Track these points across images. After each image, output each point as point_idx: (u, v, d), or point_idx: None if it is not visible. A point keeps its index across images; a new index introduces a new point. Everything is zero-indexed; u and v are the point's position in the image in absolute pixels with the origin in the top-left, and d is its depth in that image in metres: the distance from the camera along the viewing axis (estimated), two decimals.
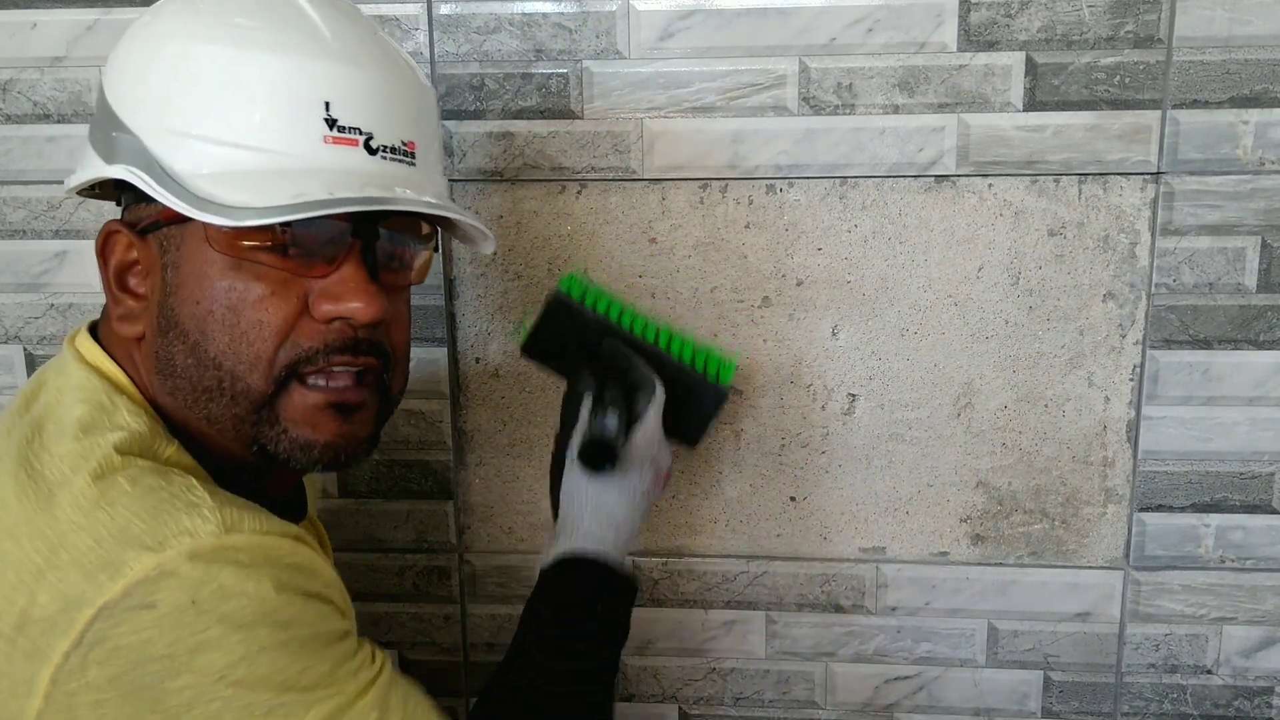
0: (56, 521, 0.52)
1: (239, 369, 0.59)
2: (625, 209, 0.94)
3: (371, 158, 0.60)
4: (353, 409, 0.62)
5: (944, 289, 0.93)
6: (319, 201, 0.56)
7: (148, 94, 0.59)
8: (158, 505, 0.53)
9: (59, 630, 0.50)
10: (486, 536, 1.02)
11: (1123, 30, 0.88)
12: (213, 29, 0.58)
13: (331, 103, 0.58)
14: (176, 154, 0.57)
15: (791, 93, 0.91)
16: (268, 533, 0.56)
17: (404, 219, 0.63)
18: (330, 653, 0.56)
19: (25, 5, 0.94)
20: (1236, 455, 0.94)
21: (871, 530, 0.98)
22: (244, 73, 0.57)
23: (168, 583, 0.51)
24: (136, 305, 0.62)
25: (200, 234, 0.58)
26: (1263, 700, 0.98)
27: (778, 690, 1.03)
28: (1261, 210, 0.89)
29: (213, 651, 0.51)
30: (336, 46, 0.60)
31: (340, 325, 0.60)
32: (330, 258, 0.60)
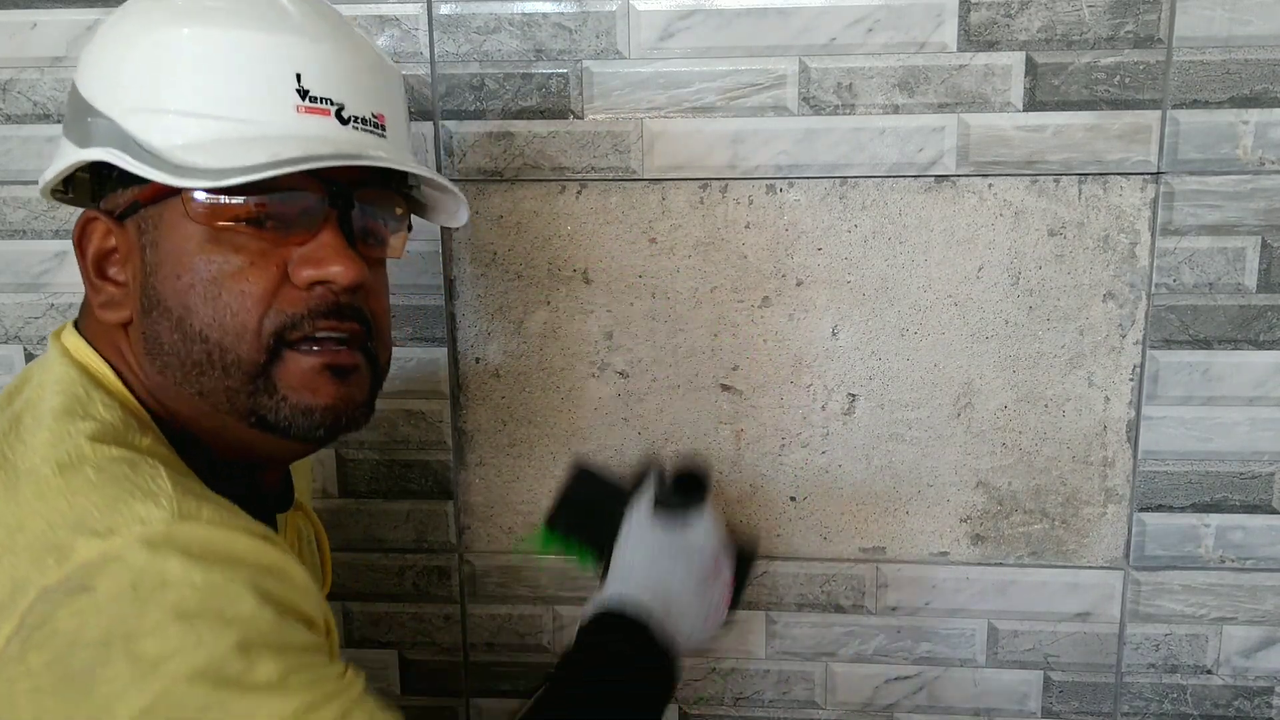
0: (18, 508, 0.52)
1: (226, 340, 0.59)
2: (625, 209, 0.94)
3: (343, 127, 0.62)
4: (347, 371, 0.63)
5: (944, 289, 0.93)
6: (294, 159, 0.57)
7: (122, 78, 0.60)
8: (116, 494, 0.52)
9: (4, 614, 0.50)
10: (486, 536, 1.02)
11: (1123, 30, 0.88)
12: (185, 12, 0.60)
13: (302, 74, 0.60)
14: (152, 130, 0.58)
15: (791, 93, 0.91)
16: (226, 526, 0.53)
17: (378, 193, 0.65)
18: (282, 658, 0.51)
19: (25, 5, 0.94)
20: (1236, 455, 0.94)
21: (871, 530, 0.98)
22: (217, 48, 0.59)
23: (111, 568, 0.49)
24: (117, 292, 0.62)
25: (178, 210, 0.59)
26: (1263, 700, 0.98)
27: (778, 690, 1.03)
28: (1261, 210, 0.89)
29: (148, 640, 0.49)
30: (305, 24, 0.62)
31: (321, 290, 0.61)
32: (308, 227, 0.61)
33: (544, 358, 0.97)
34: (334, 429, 0.63)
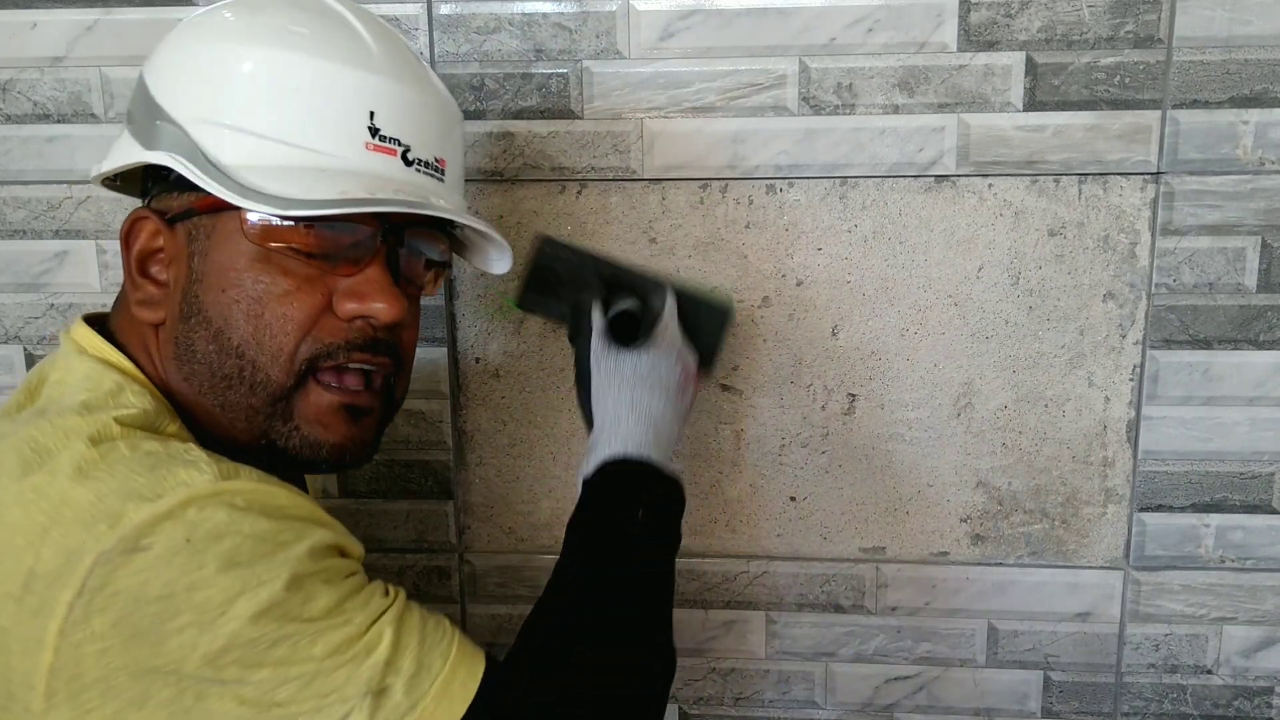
0: (57, 482, 0.53)
1: (260, 359, 0.61)
2: (625, 209, 0.94)
3: (407, 169, 0.64)
4: (362, 412, 0.65)
5: (944, 289, 0.93)
6: (361, 200, 0.58)
7: (196, 86, 0.61)
8: (155, 463, 0.55)
9: (62, 582, 0.51)
10: (486, 536, 1.02)
11: (1123, 30, 0.88)
12: (267, 31, 0.61)
13: (376, 112, 0.62)
14: (221, 145, 0.59)
15: (791, 93, 0.91)
16: (266, 481, 0.57)
17: (427, 232, 0.66)
18: (334, 588, 0.56)
19: (25, 5, 0.94)
20: (1236, 455, 0.94)
21: (871, 530, 0.98)
22: (296, 74, 0.60)
23: (163, 525, 0.52)
24: (157, 291, 0.63)
25: (234, 225, 0.60)
26: (1263, 700, 0.98)
27: (778, 690, 1.03)
28: (1261, 210, 0.89)
29: (210, 589, 0.52)
30: (382, 62, 0.63)
31: (362, 324, 0.63)
32: (356, 259, 0.62)
33: (544, 358, 0.97)
34: (337, 464, 0.65)
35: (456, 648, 0.60)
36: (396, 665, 0.57)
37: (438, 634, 0.60)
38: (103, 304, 0.99)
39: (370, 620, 0.57)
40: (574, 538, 0.68)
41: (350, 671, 0.55)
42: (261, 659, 0.53)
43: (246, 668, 0.52)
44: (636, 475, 0.69)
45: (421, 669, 0.57)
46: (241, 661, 0.52)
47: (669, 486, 0.70)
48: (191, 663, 0.52)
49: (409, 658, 0.57)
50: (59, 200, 0.97)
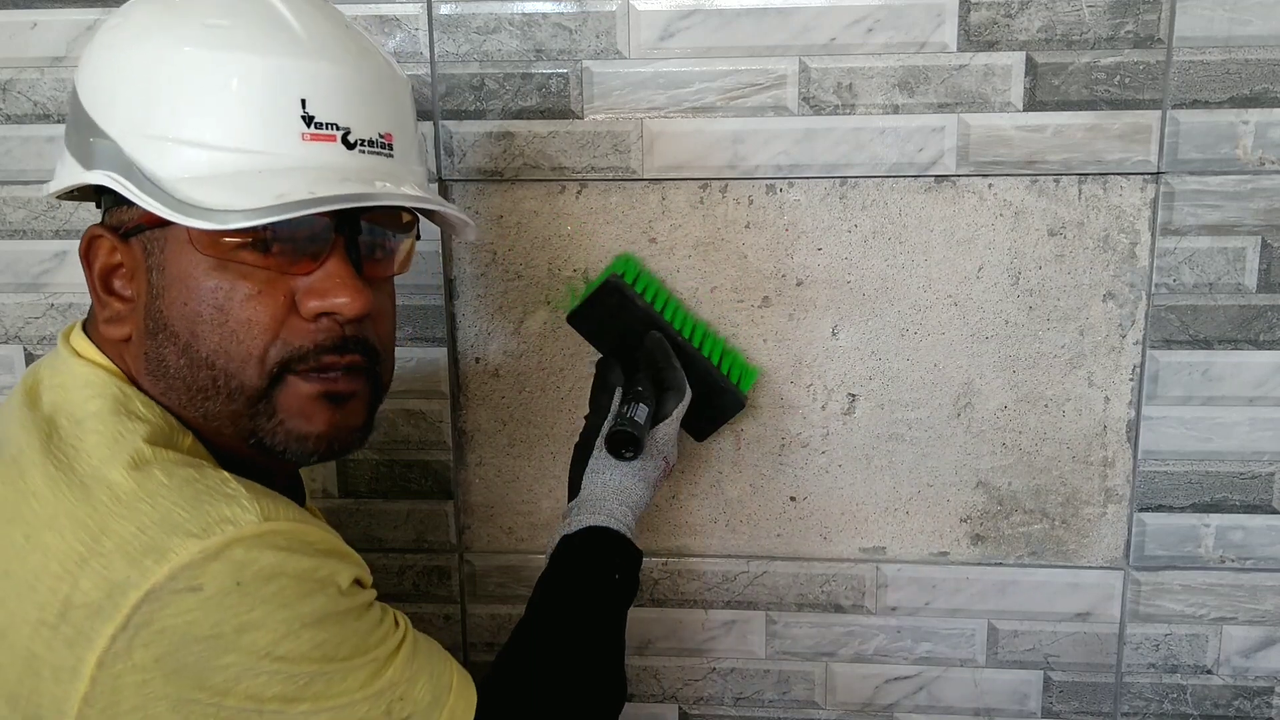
0: (96, 511, 0.53)
1: (231, 367, 0.59)
2: (625, 209, 0.94)
3: (350, 152, 0.61)
4: (344, 398, 0.63)
5: (944, 289, 0.93)
6: (300, 201, 0.56)
7: (122, 98, 0.59)
8: (197, 495, 0.55)
9: (104, 615, 0.51)
10: (486, 536, 1.02)
11: (1123, 30, 0.88)
12: (186, 30, 0.58)
13: (308, 100, 0.59)
14: (155, 158, 0.57)
15: (791, 93, 0.91)
16: (303, 521, 0.58)
17: (385, 211, 0.64)
18: (362, 624, 0.59)
19: (25, 5, 0.94)
20: (1236, 455, 0.94)
21: (871, 530, 0.98)
22: (219, 74, 0.58)
23: (213, 566, 0.52)
24: (123, 307, 0.62)
25: (183, 236, 0.58)
26: (1263, 700, 0.98)
27: (778, 690, 1.03)
28: (1261, 210, 0.89)
29: (257, 631, 0.53)
30: (310, 43, 0.60)
31: (328, 322, 0.61)
32: (314, 254, 0.60)
33: (544, 358, 0.97)
34: (328, 454, 0.64)
35: (457, 676, 0.65)
36: (413, 696, 0.61)
37: (441, 664, 0.64)
38: None
39: (390, 652, 0.60)
40: (557, 584, 0.76)
41: (375, 703, 0.58)
42: (301, 693, 0.55)
43: (287, 702, 0.55)
44: (616, 544, 0.77)
45: (435, 701, 0.62)
46: (282, 697, 0.54)
47: (636, 557, 0.79)
48: (234, 697, 0.53)
49: (424, 688, 0.62)
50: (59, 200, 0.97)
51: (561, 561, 0.77)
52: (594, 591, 0.75)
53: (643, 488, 0.81)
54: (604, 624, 0.75)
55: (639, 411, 0.80)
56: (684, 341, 0.88)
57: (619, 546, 0.77)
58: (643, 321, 0.88)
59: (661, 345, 0.87)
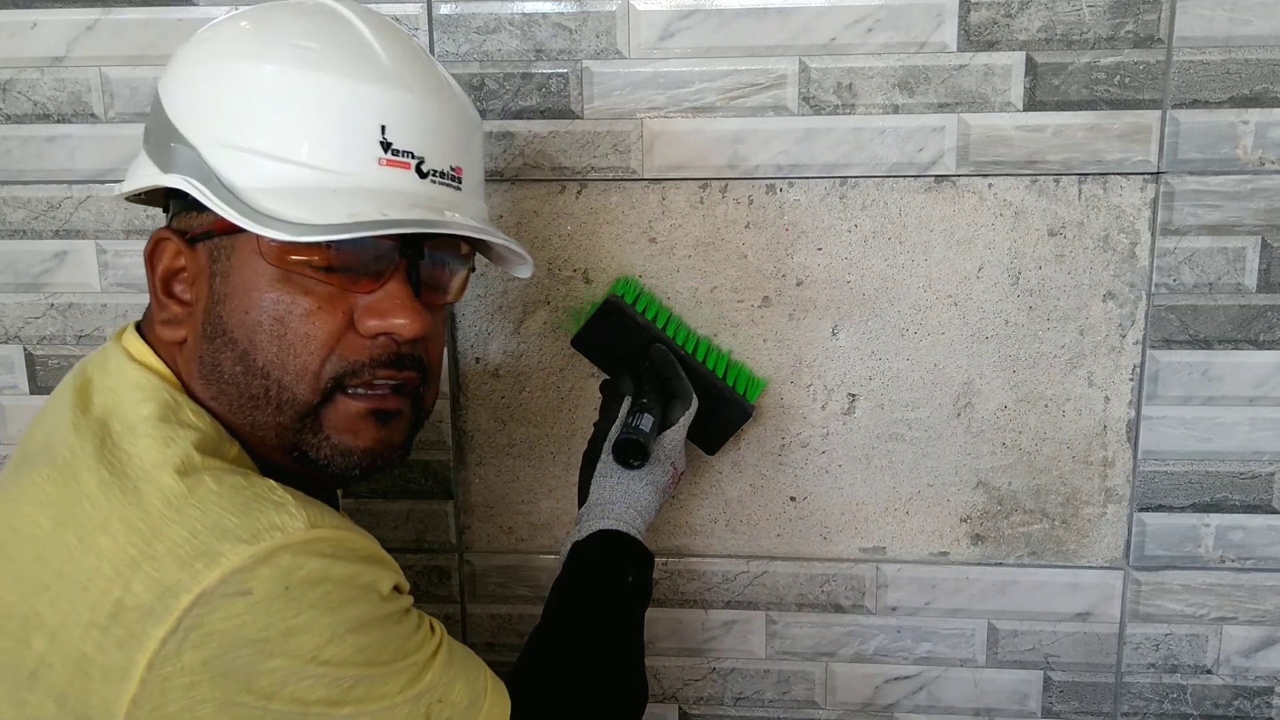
0: (148, 515, 0.54)
1: (286, 379, 0.61)
2: (625, 209, 0.94)
3: (421, 181, 0.63)
4: (391, 415, 0.65)
5: (944, 289, 0.93)
6: (372, 222, 0.58)
7: (208, 108, 0.61)
8: (246, 502, 0.56)
9: (155, 617, 0.52)
10: (486, 536, 1.02)
11: (1123, 30, 0.88)
12: (277, 49, 0.61)
13: (387, 126, 0.61)
14: (234, 167, 0.59)
15: (791, 93, 0.91)
16: (346, 528, 0.59)
17: (447, 240, 0.66)
18: (402, 628, 0.60)
19: (25, 5, 0.94)
20: (1236, 455, 0.94)
21: (871, 530, 0.98)
22: (305, 93, 0.60)
23: (262, 571, 0.53)
24: (181, 311, 0.63)
25: (252, 246, 0.60)
26: (1263, 700, 0.98)
27: (778, 690, 1.03)
28: (1261, 210, 0.89)
29: (304, 635, 0.54)
30: (394, 72, 0.62)
31: (385, 340, 0.62)
32: (376, 274, 0.62)
33: (544, 358, 0.97)
34: (369, 470, 0.65)
35: (490, 681, 0.67)
36: (451, 699, 0.62)
37: (475, 668, 0.66)
38: (102, 304, 0.99)
39: (429, 656, 0.62)
40: (572, 589, 0.77)
41: (415, 706, 0.60)
42: (345, 697, 0.56)
43: (331, 705, 0.56)
44: (627, 546, 0.78)
45: (472, 704, 0.64)
46: (327, 700, 0.56)
47: (648, 559, 0.80)
48: (280, 700, 0.54)
49: (460, 692, 0.63)
50: (59, 200, 0.97)
51: (575, 567, 0.78)
52: (609, 595, 0.76)
53: (651, 493, 0.82)
54: (622, 626, 0.76)
55: (644, 421, 0.81)
56: (687, 355, 0.89)
57: (630, 549, 0.78)
58: (645, 337, 0.89)
59: (666, 356, 0.88)
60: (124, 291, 0.99)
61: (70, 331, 1.00)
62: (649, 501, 0.82)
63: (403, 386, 0.64)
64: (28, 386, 1.01)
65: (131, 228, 0.97)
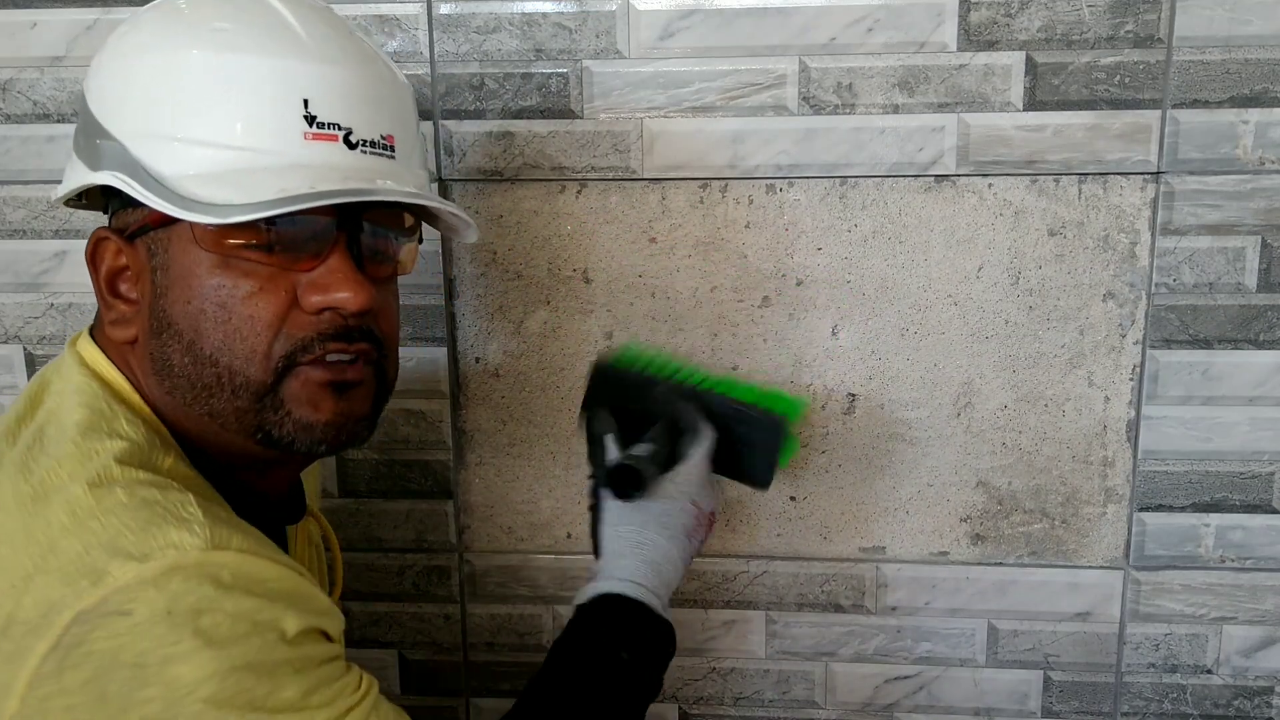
0: (49, 527, 0.53)
1: (236, 363, 0.60)
2: (625, 209, 0.94)
3: (351, 152, 0.61)
4: (350, 385, 0.63)
5: (944, 289, 0.93)
6: (301, 195, 0.57)
7: (130, 100, 0.60)
8: (149, 518, 0.54)
9: (38, 633, 0.51)
10: (486, 536, 1.02)
11: (1123, 30, 0.88)
12: (191, 34, 0.60)
13: (310, 100, 0.60)
14: (160, 157, 0.58)
15: (791, 92, 0.91)
16: (255, 554, 0.56)
17: (386, 211, 0.65)
18: (304, 677, 0.55)
19: (25, 5, 0.94)
20: (1236, 455, 0.94)
21: (871, 530, 0.98)
22: (223, 75, 0.59)
23: (146, 592, 0.51)
24: (128, 310, 0.63)
25: (187, 235, 0.59)
26: (1263, 700, 0.98)
27: (778, 690, 1.03)
28: (1261, 210, 0.89)
29: (183, 665, 0.51)
30: (312, 46, 0.61)
31: (330, 315, 0.61)
32: (316, 252, 0.61)
33: (544, 358, 0.97)
34: (335, 443, 0.63)
35: None
36: None
37: None
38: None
39: (338, 715, 0.56)
40: (557, 663, 0.68)
41: None
42: None
43: None
44: (629, 616, 0.69)
45: None
46: None
47: (660, 632, 0.69)
48: None
49: None
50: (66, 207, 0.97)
51: (566, 638, 0.70)
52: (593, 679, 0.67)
53: (665, 539, 0.72)
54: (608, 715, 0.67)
55: (641, 448, 0.74)
56: (702, 390, 0.81)
57: (631, 619, 0.68)
58: (644, 386, 0.82)
59: (669, 393, 0.80)
60: None
61: (70, 331, 1.00)
62: (664, 549, 0.71)
63: (357, 358, 0.63)
64: None
65: None
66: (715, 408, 0.80)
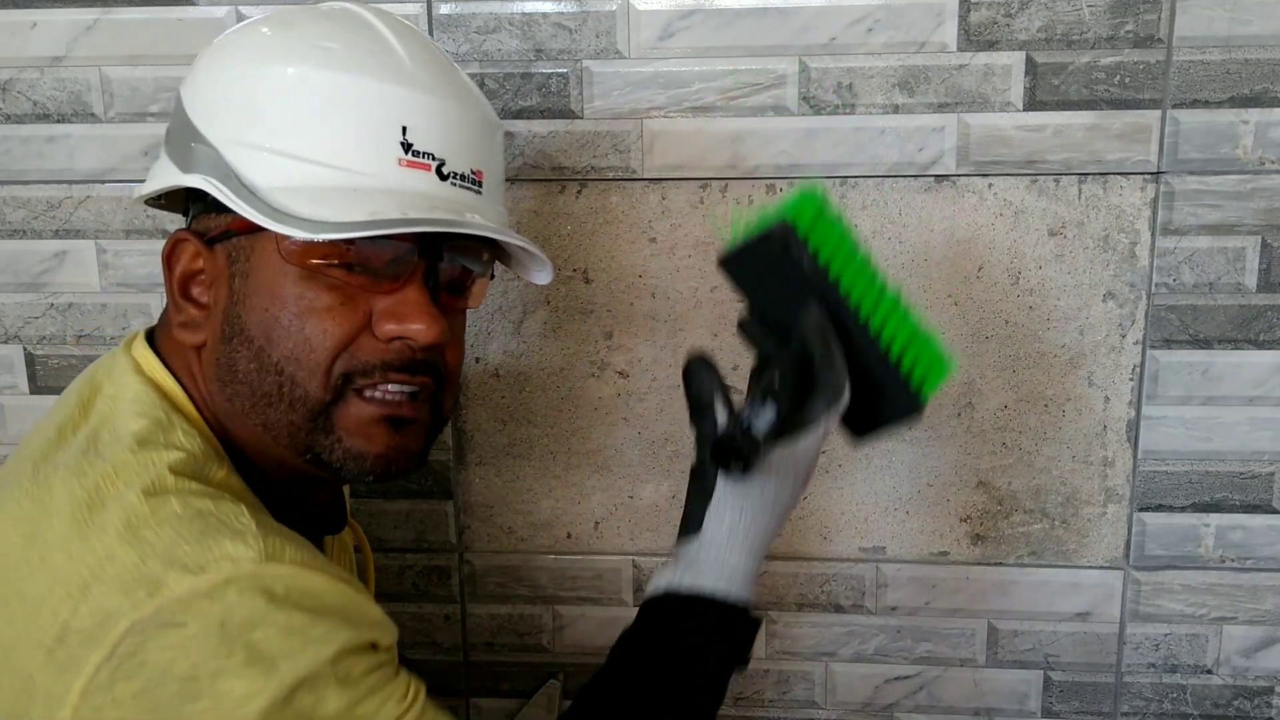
0: (105, 535, 0.53)
1: (299, 375, 0.60)
2: (625, 209, 0.94)
3: (442, 183, 0.62)
4: (405, 423, 0.63)
5: (944, 289, 0.93)
6: (392, 220, 0.58)
7: (229, 108, 0.61)
8: (204, 529, 0.54)
9: (94, 643, 0.51)
10: (486, 536, 1.02)
11: (1123, 30, 0.88)
12: (299, 50, 0.61)
13: (409, 127, 0.61)
14: (254, 167, 0.59)
15: (791, 92, 0.91)
16: (309, 566, 0.56)
17: (466, 243, 0.65)
18: (350, 689, 0.55)
19: (25, 5, 0.94)
20: (1236, 455, 0.94)
21: (871, 530, 0.98)
22: (327, 93, 0.60)
23: (200, 604, 0.51)
24: (198, 314, 0.63)
25: (271, 246, 0.60)
26: (1263, 700, 0.98)
27: (778, 690, 1.03)
28: (1261, 210, 0.89)
29: (234, 679, 0.51)
30: (415, 73, 0.62)
31: (400, 345, 0.62)
32: (395, 275, 0.61)
33: (544, 358, 0.97)
34: (383, 476, 0.64)
35: None
36: None
37: None
38: (102, 304, 0.99)
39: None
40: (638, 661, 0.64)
41: None
42: None
43: None
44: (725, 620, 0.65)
45: None
46: None
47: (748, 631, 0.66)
48: None
49: None
50: (59, 200, 0.97)
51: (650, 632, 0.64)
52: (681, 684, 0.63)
53: (774, 521, 0.67)
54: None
55: (763, 416, 0.63)
56: (856, 322, 0.67)
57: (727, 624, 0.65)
58: (807, 288, 0.66)
59: (820, 329, 0.65)
60: (124, 291, 0.99)
61: (70, 331, 1.00)
62: (770, 532, 0.66)
63: (418, 393, 0.63)
64: (27, 386, 1.01)
65: (131, 228, 0.97)
66: (865, 361, 0.67)
